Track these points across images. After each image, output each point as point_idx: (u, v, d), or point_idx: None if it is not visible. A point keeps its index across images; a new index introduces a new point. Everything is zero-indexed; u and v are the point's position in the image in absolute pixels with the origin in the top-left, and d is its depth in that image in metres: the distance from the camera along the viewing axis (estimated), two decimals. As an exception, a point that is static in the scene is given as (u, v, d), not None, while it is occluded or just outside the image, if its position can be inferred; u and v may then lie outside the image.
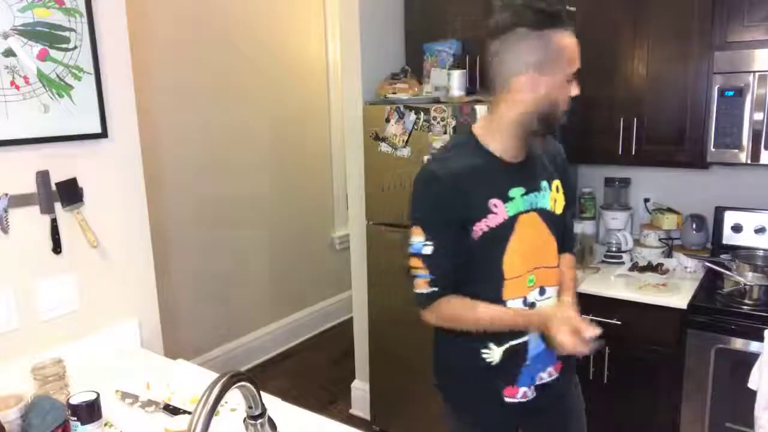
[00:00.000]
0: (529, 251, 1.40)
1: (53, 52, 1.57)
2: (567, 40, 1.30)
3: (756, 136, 2.14)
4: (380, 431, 2.94)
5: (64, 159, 1.62)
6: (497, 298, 1.38)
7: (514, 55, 1.30)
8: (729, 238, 2.46)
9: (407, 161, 2.54)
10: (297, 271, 4.13)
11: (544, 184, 1.45)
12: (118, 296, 1.80)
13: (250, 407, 0.95)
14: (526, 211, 1.40)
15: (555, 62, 1.29)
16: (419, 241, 1.36)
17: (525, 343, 1.41)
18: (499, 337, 1.40)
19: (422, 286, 1.39)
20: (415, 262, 1.38)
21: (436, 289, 1.38)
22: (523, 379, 1.43)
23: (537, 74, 1.29)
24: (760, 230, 2.41)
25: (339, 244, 4.43)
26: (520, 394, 1.44)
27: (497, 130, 1.38)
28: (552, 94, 1.32)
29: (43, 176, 1.57)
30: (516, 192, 1.39)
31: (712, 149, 2.23)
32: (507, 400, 1.44)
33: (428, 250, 1.35)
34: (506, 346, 1.40)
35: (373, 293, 2.83)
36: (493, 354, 1.41)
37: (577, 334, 1.25)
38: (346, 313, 4.21)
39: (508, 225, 1.37)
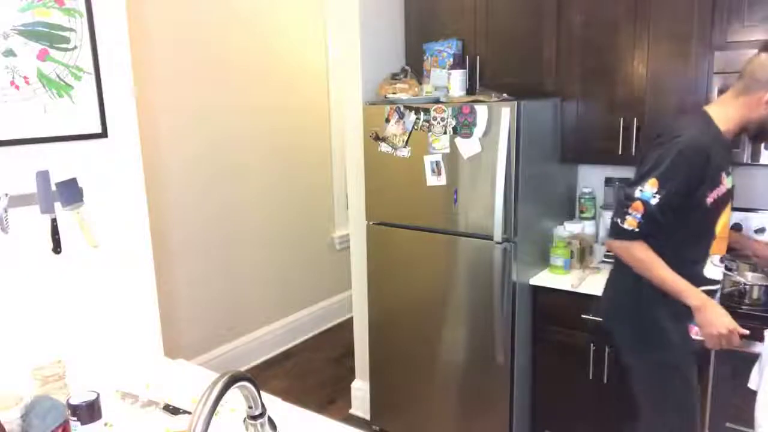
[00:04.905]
0: (727, 220, 1.81)
1: (53, 52, 1.57)
2: None
3: (756, 136, 2.14)
4: (380, 431, 2.94)
5: (64, 159, 1.62)
6: (706, 253, 1.78)
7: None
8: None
9: (407, 161, 2.54)
10: (297, 271, 4.13)
11: None
12: (118, 296, 1.80)
13: (250, 407, 0.95)
14: (732, 186, 1.78)
15: None
16: (651, 191, 1.67)
17: (714, 291, 1.81)
18: (694, 283, 1.72)
19: (631, 224, 1.71)
20: (637, 205, 1.69)
21: (638, 231, 1.70)
22: None
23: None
24: (760, 230, 2.40)
25: (339, 244, 4.43)
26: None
27: (728, 117, 1.71)
28: None
29: (43, 176, 1.57)
30: (730, 169, 1.77)
31: (712, 149, 2.23)
32: (692, 335, 1.78)
33: (654, 201, 1.67)
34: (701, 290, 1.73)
35: (373, 293, 2.83)
36: None
37: (729, 335, 1.67)
38: (346, 313, 4.21)
39: (727, 195, 1.75)
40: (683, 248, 1.75)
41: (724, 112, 1.73)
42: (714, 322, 1.68)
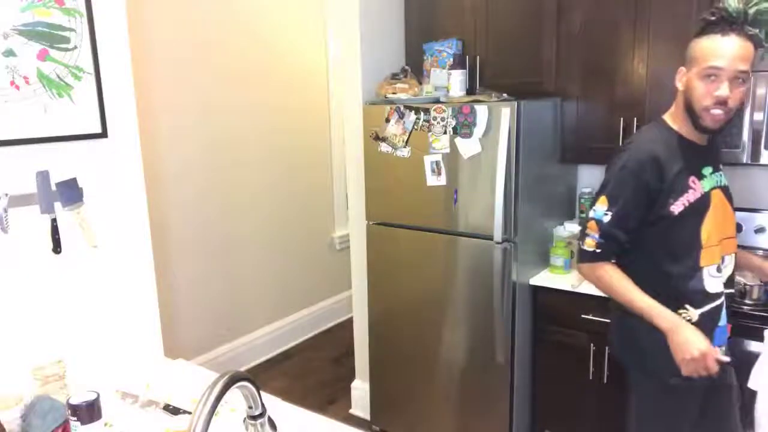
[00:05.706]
0: (720, 223, 1.64)
1: (53, 52, 1.57)
2: (708, 42, 1.54)
3: (756, 136, 2.14)
4: (380, 431, 2.94)
5: (64, 159, 1.62)
6: (694, 266, 1.62)
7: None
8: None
9: (407, 161, 2.54)
10: (297, 271, 4.13)
11: (721, 166, 1.72)
12: (118, 296, 1.80)
13: (250, 407, 0.95)
14: (715, 188, 1.65)
15: (694, 59, 1.57)
16: (602, 210, 1.64)
17: (719, 306, 1.66)
18: (694, 302, 1.63)
19: (590, 245, 1.66)
20: (592, 224, 1.66)
21: (600, 251, 1.65)
22: (717, 339, 1.65)
23: (685, 68, 1.61)
24: (759, 230, 2.41)
25: (339, 244, 4.43)
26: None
27: (678, 116, 1.65)
28: (689, 89, 1.58)
29: (43, 176, 1.57)
30: (707, 170, 1.64)
31: (712, 149, 2.23)
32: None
33: (606, 219, 1.62)
34: (703, 309, 1.63)
35: (373, 293, 2.83)
36: (691, 314, 1.63)
37: (701, 360, 1.53)
38: (346, 313, 4.21)
39: (704, 200, 1.61)
40: (666, 264, 1.63)
41: (674, 113, 1.68)
42: (683, 345, 1.54)
